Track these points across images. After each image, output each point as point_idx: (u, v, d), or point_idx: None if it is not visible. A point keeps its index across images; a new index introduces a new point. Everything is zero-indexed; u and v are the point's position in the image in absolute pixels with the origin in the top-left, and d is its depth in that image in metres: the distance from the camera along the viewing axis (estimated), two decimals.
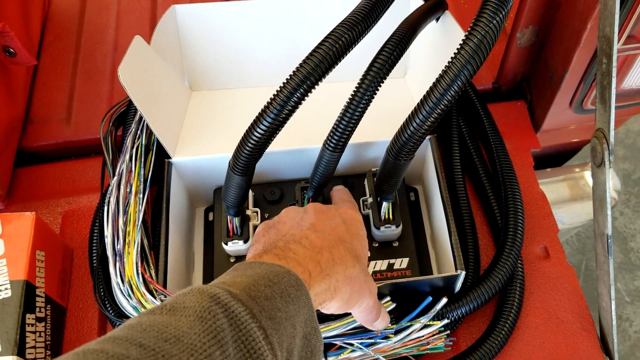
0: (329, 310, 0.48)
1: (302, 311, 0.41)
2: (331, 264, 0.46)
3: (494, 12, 0.47)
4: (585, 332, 0.63)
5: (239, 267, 0.42)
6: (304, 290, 0.41)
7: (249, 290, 0.38)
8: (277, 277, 0.40)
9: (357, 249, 0.51)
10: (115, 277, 0.58)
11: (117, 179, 0.63)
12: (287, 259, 0.44)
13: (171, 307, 0.35)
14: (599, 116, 0.56)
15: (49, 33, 0.92)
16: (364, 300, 0.49)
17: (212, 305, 0.34)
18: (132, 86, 0.57)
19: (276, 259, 0.44)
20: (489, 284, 0.60)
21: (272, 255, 0.45)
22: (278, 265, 0.42)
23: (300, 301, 0.40)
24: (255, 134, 0.53)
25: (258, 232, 0.53)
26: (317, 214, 0.52)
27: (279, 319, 0.37)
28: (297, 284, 0.41)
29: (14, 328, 0.56)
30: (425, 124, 0.50)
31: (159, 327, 0.33)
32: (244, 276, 0.40)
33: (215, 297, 0.35)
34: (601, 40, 0.52)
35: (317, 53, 0.51)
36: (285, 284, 0.40)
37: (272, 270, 0.41)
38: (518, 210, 0.65)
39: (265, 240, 0.51)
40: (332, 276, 0.46)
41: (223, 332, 0.33)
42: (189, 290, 0.37)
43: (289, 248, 0.46)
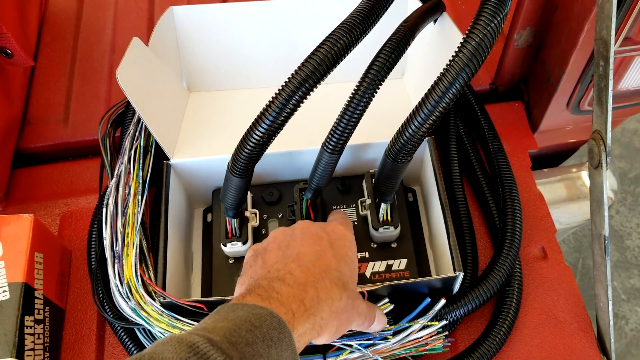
0: (318, 342, 0.48)
1: (284, 354, 0.40)
2: (316, 301, 0.46)
3: (492, 15, 0.47)
4: (583, 332, 0.64)
5: (222, 309, 0.42)
6: (286, 333, 0.41)
7: (230, 336, 0.38)
8: (259, 319, 0.40)
9: (345, 274, 0.50)
10: (114, 279, 0.58)
11: (115, 180, 0.63)
12: (270, 300, 0.44)
13: (149, 357, 0.35)
14: (595, 118, 0.56)
15: (46, 34, 0.91)
16: (353, 323, 0.50)
17: (190, 357, 0.34)
18: (130, 88, 0.57)
19: (259, 299, 0.44)
20: (487, 285, 0.60)
21: (255, 295, 0.44)
22: (260, 307, 0.42)
23: (282, 344, 0.40)
24: (253, 136, 0.53)
25: (246, 261, 0.53)
26: (304, 239, 0.51)
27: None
28: (279, 327, 0.41)
29: (13, 330, 0.56)
30: (424, 127, 0.50)
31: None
32: (226, 320, 0.40)
33: (194, 346, 0.35)
34: (598, 42, 0.52)
35: (315, 56, 0.51)
36: (268, 327, 0.40)
37: (254, 313, 0.41)
38: (516, 211, 0.65)
39: (251, 274, 0.50)
40: (316, 314, 0.45)
41: None
42: (168, 339, 0.37)
43: (273, 287, 0.45)
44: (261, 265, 0.50)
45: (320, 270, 0.48)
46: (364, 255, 0.64)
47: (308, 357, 0.56)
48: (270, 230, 0.66)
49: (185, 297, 0.59)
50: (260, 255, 0.51)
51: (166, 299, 0.55)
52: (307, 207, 0.64)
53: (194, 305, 0.55)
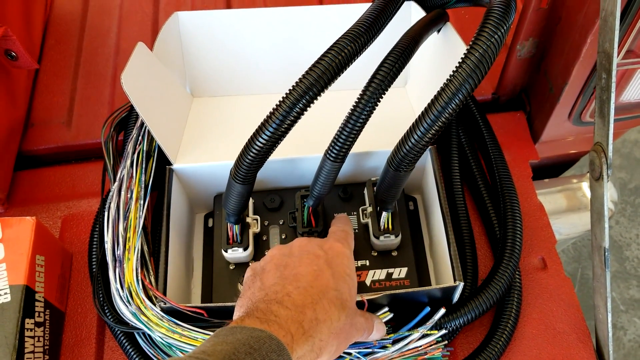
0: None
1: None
2: (315, 323, 0.46)
3: (496, 26, 0.47)
4: (582, 343, 0.64)
5: (221, 333, 0.42)
6: (286, 356, 0.41)
7: (229, 359, 0.38)
8: (258, 342, 0.40)
9: (344, 293, 0.50)
10: (114, 283, 0.58)
11: (117, 184, 0.63)
12: (268, 323, 0.44)
13: None
14: (597, 130, 0.56)
15: (51, 37, 0.92)
16: (353, 339, 0.51)
17: None
18: (134, 93, 0.58)
19: (258, 322, 0.44)
20: (487, 295, 0.61)
21: (254, 319, 0.44)
22: (259, 330, 0.42)
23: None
24: (256, 144, 0.53)
25: (245, 281, 0.53)
26: (301, 258, 0.52)
27: None
28: (278, 349, 0.41)
29: (13, 333, 0.56)
30: (427, 137, 0.51)
31: None
32: (225, 343, 0.40)
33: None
34: (601, 55, 0.53)
35: (320, 64, 0.51)
36: (267, 350, 0.40)
37: (253, 336, 0.41)
38: (516, 221, 0.65)
39: (249, 296, 0.50)
40: (315, 336, 0.45)
41: None
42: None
43: (271, 310, 0.45)
44: (259, 287, 0.50)
45: (318, 291, 0.48)
46: (364, 263, 0.64)
47: None
48: (271, 236, 0.67)
49: (186, 302, 0.59)
50: (259, 276, 0.51)
51: (166, 304, 0.56)
52: (308, 214, 0.64)
53: (194, 311, 0.55)
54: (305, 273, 0.50)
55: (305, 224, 0.64)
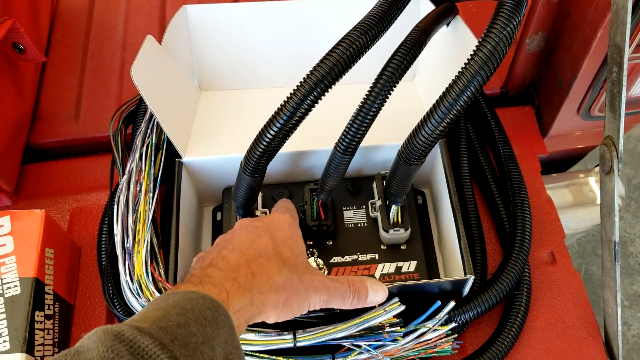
0: (270, 320, 0.48)
1: (222, 331, 0.40)
2: (250, 278, 0.46)
3: (507, 19, 0.47)
4: (591, 337, 0.64)
5: (153, 301, 0.42)
6: (221, 310, 0.41)
7: (160, 322, 0.37)
8: (190, 303, 0.40)
9: (283, 252, 0.50)
10: (124, 276, 0.58)
11: (127, 177, 0.63)
12: (202, 284, 0.44)
13: (75, 351, 0.34)
14: (608, 124, 0.56)
15: (58, 30, 0.92)
16: (310, 299, 0.49)
17: (116, 344, 0.33)
18: (144, 86, 0.58)
19: (191, 286, 0.44)
20: (497, 288, 0.61)
21: (187, 284, 0.44)
22: (192, 292, 0.41)
23: (218, 322, 0.40)
24: (267, 136, 0.53)
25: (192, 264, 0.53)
26: (241, 232, 0.52)
27: (194, 344, 0.37)
28: (213, 306, 0.40)
29: (24, 325, 0.56)
30: (438, 129, 0.50)
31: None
32: (156, 309, 0.39)
33: (119, 334, 0.34)
34: (612, 49, 0.52)
35: (330, 57, 0.51)
36: (200, 308, 0.40)
37: (185, 298, 0.40)
38: (526, 215, 0.65)
39: (189, 271, 0.50)
40: (253, 290, 0.45)
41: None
42: (93, 331, 0.36)
43: (205, 273, 0.45)
44: (200, 262, 0.50)
45: (254, 252, 0.49)
46: (373, 257, 0.64)
47: (316, 357, 0.57)
48: None
49: None
50: (201, 257, 0.51)
51: None
52: (317, 207, 0.64)
53: None
54: (241, 240, 0.51)
55: (314, 217, 0.64)
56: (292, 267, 0.50)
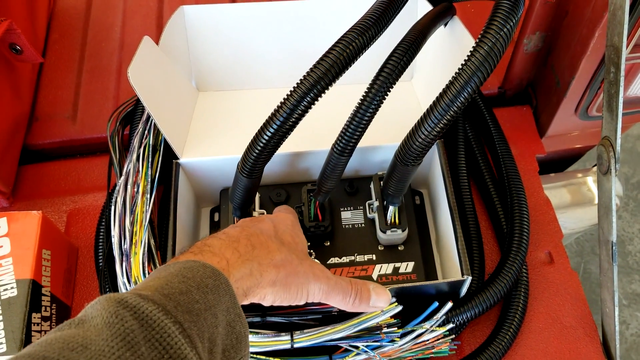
0: (266, 299, 0.47)
1: (223, 299, 0.40)
2: (250, 249, 0.46)
3: (504, 20, 0.47)
4: (588, 337, 0.64)
5: (154, 272, 0.42)
6: (222, 279, 0.41)
7: (162, 289, 0.37)
8: (191, 271, 0.40)
9: (284, 237, 0.51)
10: (121, 277, 0.58)
11: (124, 178, 0.63)
12: (202, 253, 0.44)
13: (79, 320, 0.34)
14: (605, 124, 0.56)
15: (55, 31, 0.91)
16: (310, 284, 0.49)
17: (120, 309, 0.34)
18: (141, 86, 0.58)
19: (191, 256, 0.44)
20: (494, 289, 0.60)
21: (188, 254, 0.45)
22: (192, 261, 0.42)
23: (219, 290, 0.40)
24: (264, 137, 0.53)
25: None
26: (244, 221, 0.53)
27: (197, 311, 0.37)
28: (213, 274, 0.41)
29: (20, 327, 0.56)
30: (435, 130, 0.50)
31: (64, 339, 0.32)
32: (157, 279, 0.39)
33: (123, 301, 0.34)
34: (609, 49, 0.52)
35: (327, 58, 0.51)
36: (201, 276, 0.40)
37: (186, 266, 0.41)
38: (523, 215, 0.65)
39: None
40: (253, 260, 0.45)
41: (132, 333, 0.33)
42: (96, 300, 0.36)
43: (205, 244, 0.46)
44: None
45: (256, 230, 0.50)
46: (370, 258, 0.64)
47: (314, 358, 0.57)
48: None
49: None
50: None
51: None
52: (315, 208, 0.64)
53: None
54: (244, 222, 0.52)
55: (312, 218, 0.64)
56: (292, 250, 0.50)
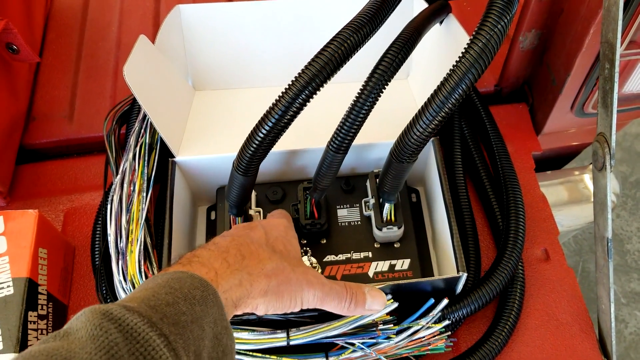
0: (259, 309, 0.47)
1: (211, 311, 0.40)
2: (240, 259, 0.46)
3: (498, 17, 0.47)
4: (584, 334, 0.64)
5: (141, 284, 0.42)
6: (210, 290, 0.40)
7: (148, 301, 0.37)
8: (178, 282, 0.40)
9: (276, 245, 0.51)
10: (117, 275, 0.58)
11: (120, 177, 0.63)
12: (191, 264, 0.44)
13: (64, 332, 0.34)
14: (600, 121, 0.56)
15: (52, 30, 0.92)
16: (303, 291, 0.49)
17: (104, 322, 0.33)
18: (137, 85, 0.58)
19: (180, 267, 0.43)
20: (490, 286, 0.61)
21: (177, 265, 0.44)
22: (179, 272, 0.41)
23: (207, 301, 0.40)
24: (259, 135, 0.53)
25: None
26: (237, 227, 0.53)
27: (183, 323, 0.36)
28: (201, 285, 0.40)
29: (16, 325, 0.56)
30: (430, 127, 0.51)
31: (48, 352, 0.32)
32: (144, 290, 0.39)
33: (107, 313, 0.34)
34: (604, 45, 0.53)
35: (322, 55, 0.51)
36: (189, 287, 0.39)
37: (173, 277, 0.40)
38: (519, 212, 0.65)
39: None
40: (242, 270, 0.45)
41: (117, 346, 0.32)
42: (81, 312, 0.36)
43: (194, 254, 0.45)
44: None
45: (246, 239, 0.49)
46: (367, 255, 0.64)
47: (310, 355, 0.57)
48: None
49: None
50: None
51: None
52: (311, 205, 0.64)
53: None
54: (234, 231, 0.51)
55: (308, 216, 0.64)
56: (284, 258, 0.49)
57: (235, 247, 0.47)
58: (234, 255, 0.46)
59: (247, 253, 0.47)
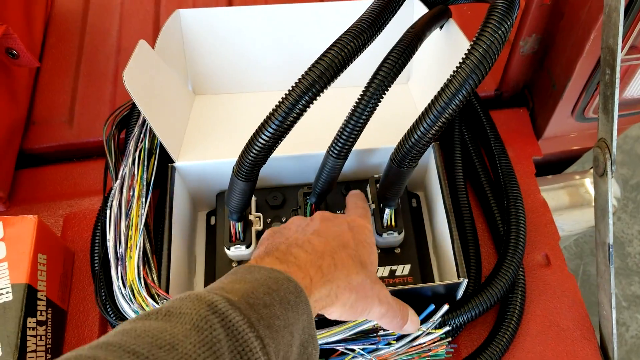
0: (331, 315, 0.48)
1: (301, 318, 0.40)
2: (332, 269, 0.46)
3: (499, 22, 0.47)
4: (586, 340, 0.64)
5: (239, 270, 0.42)
6: (303, 297, 0.41)
7: (248, 297, 0.37)
8: (276, 283, 0.40)
9: (363, 256, 0.50)
10: (116, 281, 0.57)
11: (119, 182, 0.62)
12: (287, 263, 0.44)
13: (167, 311, 0.35)
14: (601, 126, 0.56)
15: (52, 35, 0.91)
16: (373, 308, 0.49)
17: (209, 314, 0.34)
18: (136, 91, 0.58)
19: (277, 262, 0.44)
20: (491, 292, 0.60)
21: (273, 258, 0.45)
22: (277, 271, 0.42)
23: (299, 308, 0.40)
24: (259, 140, 0.53)
25: (263, 236, 0.54)
26: (323, 222, 0.52)
27: (277, 327, 0.37)
28: (296, 291, 0.41)
29: (15, 332, 0.56)
30: (430, 133, 0.50)
31: (153, 333, 0.32)
32: (243, 282, 0.40)
33: (213, 305, 0.35)
34: (605, 51, 0.52)
35: (322, 61, 0.51)
36: (285, 291, 0.40)
37: (272, 277, 0.41)
38: (520, 217, 0.65)
39: (269, 243, 0.50)
40: (333, 282, 0.45)
41: (219, 342, 0.33)
42: (186, 295, 0.36)
43: (291, 252, 0.46)
44: (279, 237, 0.51)
45: (338, 244, 0.49)
46: None
47: None
48: None
49: None
50: (279, 232, 0.52)
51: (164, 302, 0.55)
52: (311, 211, 0.64)
53: None
54: (326, 229, 0.51)
55: None
56: (367, 272, 0.50)
57: (330, 254, 0.47)
58: (328, 263, 0.46)
59: (339, 263, 0.47)
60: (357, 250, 0.50)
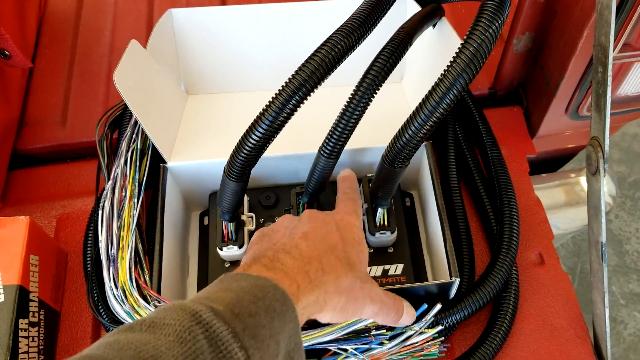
0: (322, 319, 0.48)
1: (287, 327, 0.40)
2: (320, 274, 0.46)
3: (490, 20, 0.47)
4: (579, 339, 0.64)
5: (225, 279, 0.42)
6: (290, 305, 0.41)
7: (233, 306, 0.37)
8: (262, 291, 0.40)
9: (352, 256, 0.50)
10: (108, 282, 0.57)
11: (111, 183, 0.62)
12: (274, 270, 0.44)
13: (151, 322, 0.35)
14: (594, 124, 0.56)
15: (45, 35, 0.91)
16: (365, 307, 0.49)
17: (193, 325, 0.34)
18: (127, 91, 0.57)
19: (264, 269, 0.44)
20: (484, 290, 0.60)
21: (260, 265, 0.44)
22: (264, 279, 0.41)
23: (286, 316, 0.40)
24: (250, 140, 0.52)
25: (253, 239, 0.54)
26: (310, 222, 0.52)
27: (262, 337, 0.37)
28: (283, 299, 0.40)
29: (7, 333, 0.55)
30: (421, 132, 0.50)
31: (136, 345, 0.32)
32: (229, 290, 0.39)
33: (197, 315, 0.35)
34: (597, 48, 0.52)
35: (313, 60, 0.51)
36: (271, 299, 0.40)
37: (258, 285, 0.40)
38: (513, 216, 0.65)
39: (257, 248, 0.50)
40: (321, 287, 0.45)
41: (202, 354, 0.33)
42: (170, 305, 0.36)
43: (278, 258, 0.46)
44: (268, 242, 0.51)
45: (326, 247, 0.49)
46: None
47: None
48: None
49: None
50: (267, 235, 0.52)
51: (161, 303, 0.55)
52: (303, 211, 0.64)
53: None
54: (314, 232, 0.50)
55: None
56: (356, 273, 0.49)
57: (317, 259, 0.47)
58: (316, 268, 0.46)
59: (327, 267, 0.47)
60: (346, 251, 0.50)
